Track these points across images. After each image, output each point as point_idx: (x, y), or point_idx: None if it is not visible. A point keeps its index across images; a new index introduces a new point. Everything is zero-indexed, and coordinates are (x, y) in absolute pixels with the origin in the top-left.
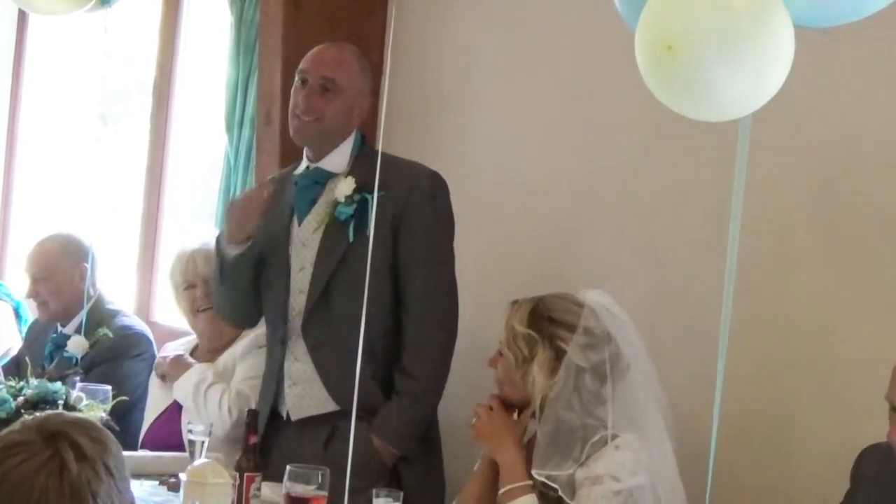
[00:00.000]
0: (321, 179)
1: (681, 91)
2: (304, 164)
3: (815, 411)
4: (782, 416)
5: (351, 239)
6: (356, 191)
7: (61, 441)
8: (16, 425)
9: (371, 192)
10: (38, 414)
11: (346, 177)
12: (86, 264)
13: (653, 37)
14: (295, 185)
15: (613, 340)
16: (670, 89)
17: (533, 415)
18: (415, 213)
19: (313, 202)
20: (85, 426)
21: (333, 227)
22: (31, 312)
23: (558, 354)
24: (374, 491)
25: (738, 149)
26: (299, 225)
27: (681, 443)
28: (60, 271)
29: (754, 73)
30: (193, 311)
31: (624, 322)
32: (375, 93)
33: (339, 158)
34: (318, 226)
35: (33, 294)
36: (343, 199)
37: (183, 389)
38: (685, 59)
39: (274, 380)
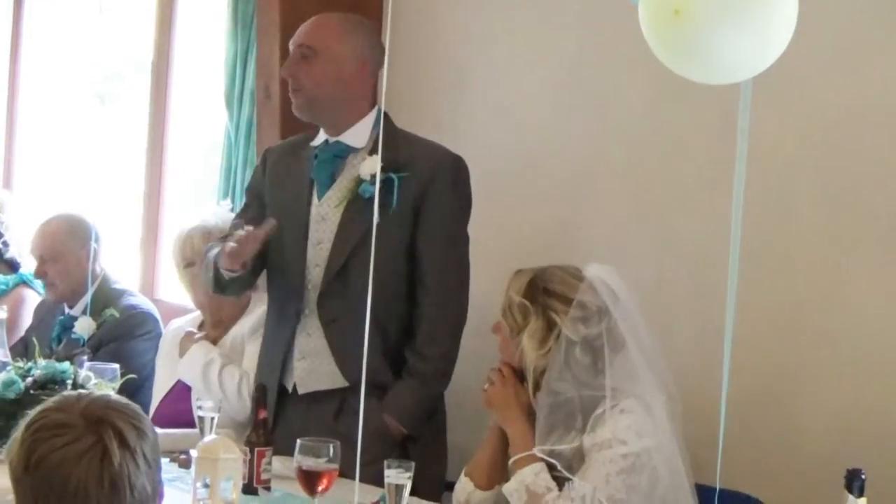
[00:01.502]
0: (341, 153)
1: (687, 55)
2: (321, 137)
3: (823, 372)
4: (790, 378)
5: (377, 219)
6: (381, 170)
7: (105, 428)
8: (55, 403)
9: (396, 172)
10: (81, 392)
11: (369, 154)
12: (94, 244)
13: (659, 1)
14: (315, 157)
15: (610, 315)
16: (677, 54)
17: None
18: (437, 197)
19: (333, 176)
20: (128, 413)
21: (356, 204)
22: None
23: (549, 326)
24: (385, 462)
25: (740, 110)
26: (319, 199)
27: (690, 407)
28: (68, 252)
29: (760, 34)
30: (194, 288)
31: (623, 298)
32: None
33: (359, 134)
34: (340, 202)
35: (41, 274)
36: (368, 178)
37: (189, 371)
38: (692, 23)
39: (280, 352)
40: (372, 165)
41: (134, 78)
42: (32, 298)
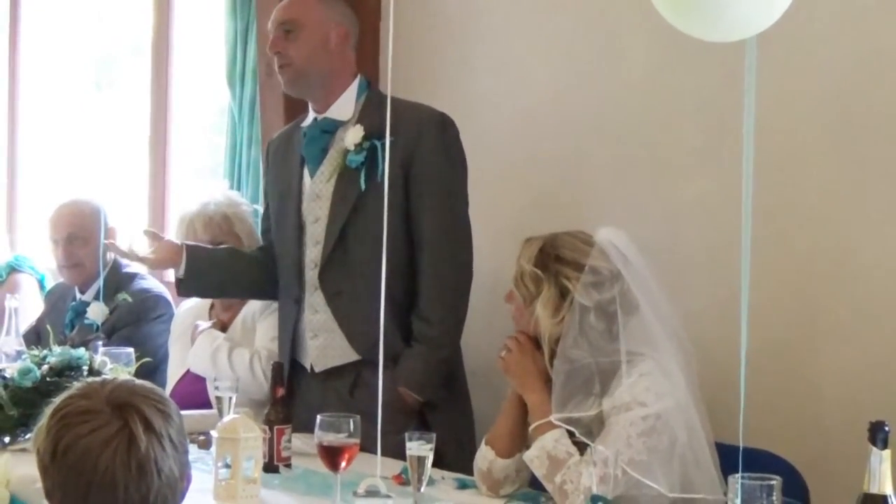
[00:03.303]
0: (329, 129)
1: (692, 12)
2: (311, 116)
3: (842, 326)
4: (809, 334)
5: (363, 187)
6: (365, 138)
7: (130, 413)
8: (80, 389)
9: (379, 138)
10: (105, 378)
11: (354, 124)
12: (114, 227)
13: None
14: (304, 136)
15: (622, 279)
16: (681, 11)
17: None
18: (425, 156)
19: (323, 152)
20: (153, 398)
21: (345, 175)
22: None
23: (563, 293)
24: (406, 434)
25: (746, 68)
26: (311, 177)
27: (709, 367)
28: (96, 234)
29: None
30: None
31: (634, 260)
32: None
33: (344, 106)
34: (331, 176)
35: (68, 255)
36: (353, 148)
37: (199, 362)
38: None
39: (289, 332)
40: (355, 135)
41: (131, 61)
42: (28, 282)
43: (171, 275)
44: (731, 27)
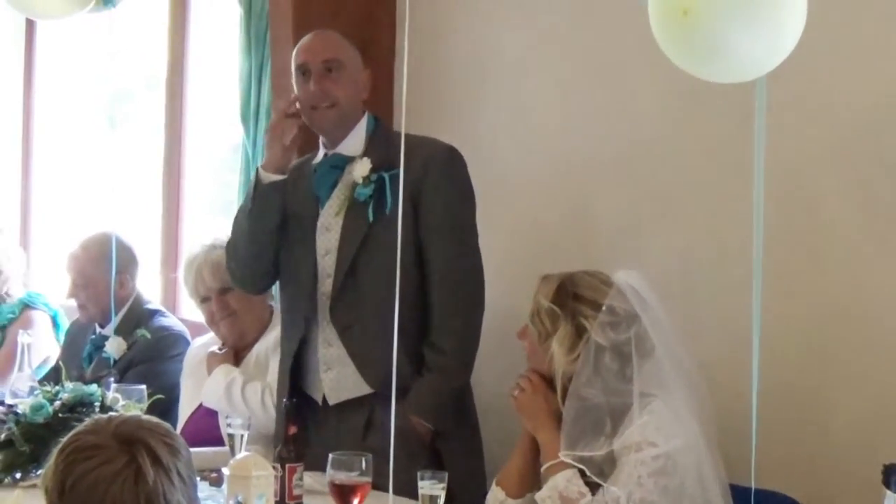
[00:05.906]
0: (339, 164)
1: (698, 54)
2: (321, 152)
3: (855, 367)
4: (822, 375)
5: (371, 219)
6: (372, 170)
7: (138, 447)
8: (87, 426)
9: (387, 171)
10: (112, 414)
11: (361, 158)
12: (128, 275)
13: (668, 2)
14: (315, 172)
15: (639, 321)
16: (687, 53)
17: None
18: (432, 187)
19: (333, 187)
20: (160, 432)
21: (354, 209)
22: (67, 320)
23: (579, 332)
24: (419, 473)
25: (756, 107)
26: (321, 210)
27: (721, 407)
28: (100, 277)
29: (770, 30)
30: (215, 322)
31: (652, 303)
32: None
33: (354, 141)
34: (340, 209)
35: (73, 296)
36: (361, 181)
37: (213, 394)
38: (701, 23)
39: (289, 363)
40: (363, 168)
41: (145, 97)
42: (41, 318)
43: (182, 311)
44: (735, 69)
